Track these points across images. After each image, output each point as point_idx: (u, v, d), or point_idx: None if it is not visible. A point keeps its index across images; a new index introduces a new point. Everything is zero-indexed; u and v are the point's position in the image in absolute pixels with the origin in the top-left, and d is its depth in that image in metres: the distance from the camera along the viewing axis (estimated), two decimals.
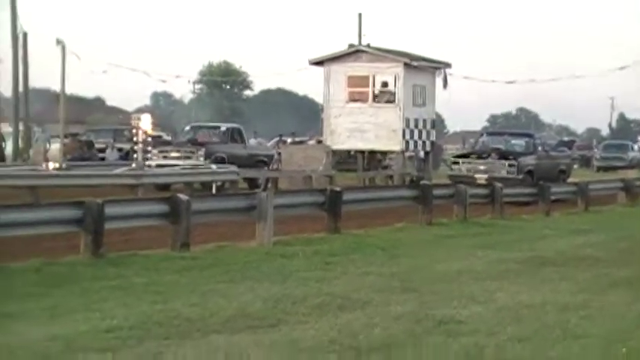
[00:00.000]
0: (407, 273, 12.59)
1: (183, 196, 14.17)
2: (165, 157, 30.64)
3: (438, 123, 50.79)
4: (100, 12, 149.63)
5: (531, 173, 28.89)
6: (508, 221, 20.99)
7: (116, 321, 8.87)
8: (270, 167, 33.32)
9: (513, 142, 31.23)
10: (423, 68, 31.44)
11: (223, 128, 33.63)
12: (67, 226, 12.97)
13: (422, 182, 21.38)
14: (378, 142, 31.04)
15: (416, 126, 31.30)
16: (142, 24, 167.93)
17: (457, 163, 29.86)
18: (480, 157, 29.39)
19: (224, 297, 10.26)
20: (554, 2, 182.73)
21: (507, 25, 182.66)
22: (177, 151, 31.20)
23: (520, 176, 28.28)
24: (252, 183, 29.45)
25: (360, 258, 13.99)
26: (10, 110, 38.07)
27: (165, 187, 26.88)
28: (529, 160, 29.36)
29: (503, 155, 29.23)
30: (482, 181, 26.70)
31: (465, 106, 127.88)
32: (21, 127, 37.87)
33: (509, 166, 28.68)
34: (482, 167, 28.89)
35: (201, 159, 30.31)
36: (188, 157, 30.54)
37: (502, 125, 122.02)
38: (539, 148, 30.70)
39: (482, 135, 33.32)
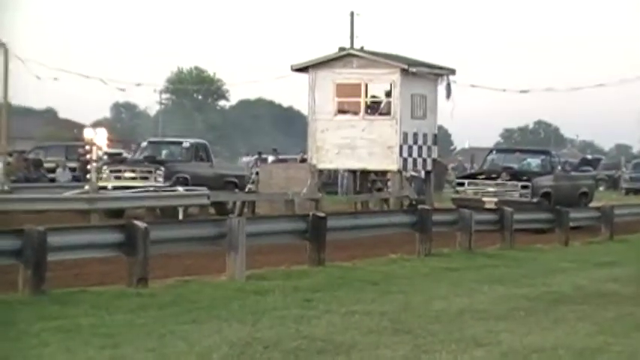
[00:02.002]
0: (400, 312, 12.59)
1: (140, 223, 14.14)
2: (118, 178, 30.39)
3: (442, 138, 50.93)
4: (49, 12, 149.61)
5: (548, 196, 28.88)
6: (520, 252, 21.02)
7: None
8: (247, 189, 33.27)
9: (527, 160, 31.22)
10: (423, 75, 31.49)
11: (186, 144, 33.25)
12: (4, 259, 12.90)
13: (420, 207, 21.38)
14: (372, 160, 31.04)
15: (415, 142, 31.32)
16: (97, 25, 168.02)
17: (462, 184, 29.86)
18: (488, 177, 29.40)
19: (185, 340, 10.22)
20: (573, 4, 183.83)
21: (520, 28, 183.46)
22: (133, 171, 30.82)
23: (535, 200, 28.25)
24: (221, 208, 29.28)
25: (347, 294, 13.98)
26: None
27: (118, 212, 26.74)
28: (545, 182, 29.33)
29: (516, 176, 29.18)
30: (492, 206, 26.72)
31: (474, 119, 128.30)
32: None
33: (523, 187, 28.61)
34: (491, 189, 28.86)
35: (161, 180, 30.08)
36: (145, 178, 30.27)
37: (518, 141, 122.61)
38: (558, 168, 30.73)
39: (490, 152, 33.17)
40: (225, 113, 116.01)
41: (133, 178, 30.33)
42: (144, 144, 34.86)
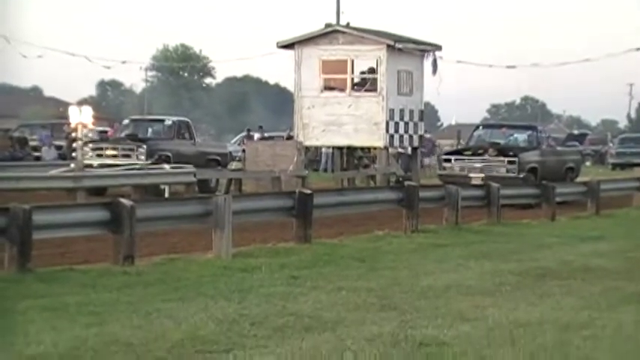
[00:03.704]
0: (386, 288, 12.62)
1: (126, 201, 14.12)
2: (99, 156, 30.47)
3: (429, 114, 50.97)
4: None
5: (535, 171, 29.04)
6: (506, 227, 21.08)
7: (43, 347, 8.82)
8: (233, 167, 33.24)
9: (514, 136, 31.27)
10: (409, 51, 31.46)
11: (168, 122, 33.16)
12: None
13: (407, 183, 21.40)
14: (358, 137, 31.06)
15: (401, 118, 31.32)
16: (82, 2, 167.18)
17: (449, 160, 29.94)
18: (475, 153, 29.51)
19: (171, 318, 10.24)
20: None
21: (505, 3, 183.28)
22: (114, 149, 30.92)
23: (521, 175, 28.43)
24: (204, 186, 29.16)
25: (333, 271, 14.01)
26: None
27: (99, 191, 26.71)
28: (532, 157, 29.46)
29: (502, 151, 29.35)
30: (478, 182, 26.81)
31: (461, 95, 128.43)
32: None
33: (509, 163, 28.79)
34: (477, 165, 28.98)
35: (142, 157, 30.07)
36: (127, 156, 30.32)
37: (505, 117, 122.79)
38: (544, 143, 30.81)
39: (477, 128, 33.07)
40: (211, 91, 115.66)
41: (115, 156, 30.37)
42: (126, 122, 34.79)
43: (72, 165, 27.33)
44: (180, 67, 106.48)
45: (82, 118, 26.66)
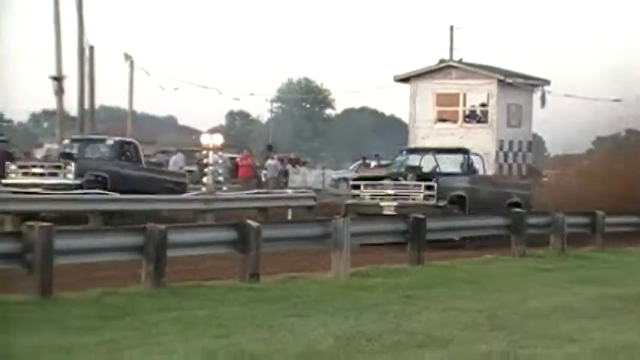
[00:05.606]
0: (495, 309, 12.45)
1: (252, 223, 14.26)
2: (25, 175, 27.15)
3: (537, 145, 50.32)
4: (171, 26, 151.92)
5: (461, 200, 23.09)
6: (611, 254, 20.61)
7: (175, 357, 8.92)
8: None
9: (441, 160, 24.44)
10: (519, 86, 31.24)
11: (110, 142, 28.92)
12: (129, 254, 13.16)
13: (515, 210, 21.13)
14: None
15: (510, 148, 31.07)
16: (215, 39, 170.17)
17: (357, 187, 23.63)
18: (391, 179, 23.47)
19: (292, 332, 10.26)
20: None
21: (613, 38, 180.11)
22: (41, 167, 27.55)
23: (441, 203, 22.46)
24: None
25: (444, 292, 13.90)
26: (76, 129, 38.78)
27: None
28: (457, 183, 23.39)
29: (423, 177, 23.24)
30: (391, 211, 22.02)
31: (568, 127, 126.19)
32: None
33: (427, 188, 22.66)
34: (390, 192, 22.94)
35: (71, 176, 26.46)
36: (54, 174, 26.85)
37: (607, 149, 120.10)
38: (477, 169, 24.81)
39: (400, 152, 26.13)
40: (331, 121, 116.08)
41: (42, 174, 27.07)
42: (66, 141, 30.54)
43: (203, 189, 27.68)
44: (302, 99, 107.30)
45: (212, 144, 27.06)
